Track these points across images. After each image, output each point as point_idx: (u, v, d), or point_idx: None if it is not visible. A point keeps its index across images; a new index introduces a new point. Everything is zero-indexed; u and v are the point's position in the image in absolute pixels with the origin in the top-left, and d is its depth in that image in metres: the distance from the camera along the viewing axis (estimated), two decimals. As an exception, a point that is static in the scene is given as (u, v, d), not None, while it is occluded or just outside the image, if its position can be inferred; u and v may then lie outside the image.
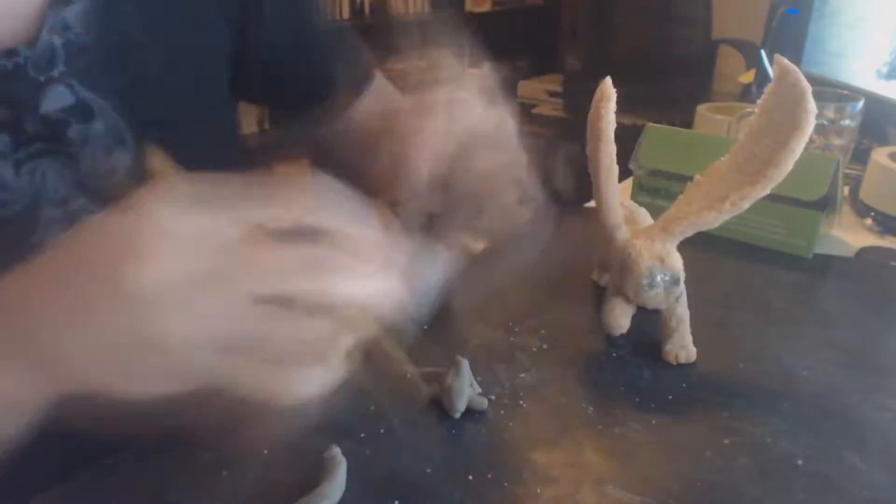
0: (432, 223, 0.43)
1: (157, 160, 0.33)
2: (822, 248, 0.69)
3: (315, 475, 0.38)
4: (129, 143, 0.46)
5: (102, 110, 0.45)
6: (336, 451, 0.39)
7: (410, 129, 0.43)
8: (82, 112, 0.44)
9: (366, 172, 0.43)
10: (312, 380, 0.30)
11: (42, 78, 0.42)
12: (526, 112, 2.74)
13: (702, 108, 1.00)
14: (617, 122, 0.50)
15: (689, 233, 0.48)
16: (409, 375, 0.40)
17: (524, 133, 0.46)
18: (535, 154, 0.47)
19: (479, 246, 0.45)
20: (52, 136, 0.43)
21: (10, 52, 0.41)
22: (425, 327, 0.53)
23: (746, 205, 0.46)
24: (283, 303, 0.28)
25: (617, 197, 0.50)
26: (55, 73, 0.42)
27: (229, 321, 0.27)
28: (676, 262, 0.48)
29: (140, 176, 0.32)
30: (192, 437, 0.41)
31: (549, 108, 2.68)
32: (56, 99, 0.43)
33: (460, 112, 0.44)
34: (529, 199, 0.46)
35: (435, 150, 0.42)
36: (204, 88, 0.53)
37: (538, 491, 0.38)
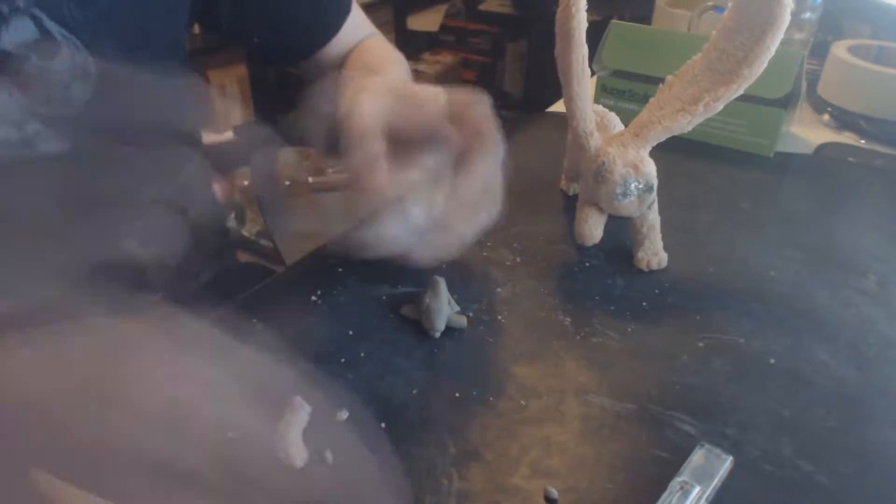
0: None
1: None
2: (781, 146, 0.70)
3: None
4: (91, 76, 0.45)
5: (68, 44, 0.44)
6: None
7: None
8: (46, 47, 0.43)
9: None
10: None
11: (6, 8, 0.40)
12: (472, 9, 2.64)
13: (661, 2, 0.97)
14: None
15: (662, 138, 0.47)
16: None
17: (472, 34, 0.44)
18: (484, 55, 0.45)
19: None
20: (7, 68, 0.42)
21: None
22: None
23: (720, 106, 0.45)
24: None
25: (589, 103, 0.48)
26: (20, 2, 0.40)
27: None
28: (650, 168, 0.47)
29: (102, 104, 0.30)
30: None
31: (497, 4, 2.58)
32: (19, 31, 0.41)
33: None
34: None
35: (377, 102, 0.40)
36: (165, 24, 0.51)
37: (523, 404, 0.38)
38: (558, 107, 0.79)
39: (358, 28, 0.61)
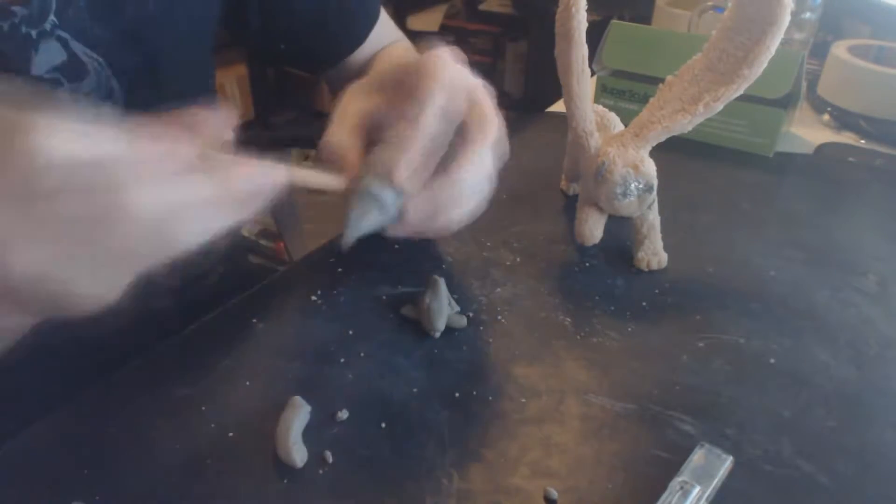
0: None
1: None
2: (781, 146, 0.70)
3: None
4: (116, 96, 0.45)
5: (93, 64, 0.43)
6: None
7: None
8: (74, 69, 0.42)
9: None
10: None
11: (34, 32, 0.40)
12: (472, 9, 2.64)
13: (661, 2, 0.97)
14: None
15: (663, 138, 0.47)
16: None
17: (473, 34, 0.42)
18: (485, 55, 0.43)
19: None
20: (41, 95, 0.42)
21: (5, 12, 0.39)
22: (397, 247, 0.52)
23: (720, 106, 0.45)
24: None
25: (589, 103, 0.48)
26: (47, 25, 0.40)
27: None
28: (650, 168, 0.47)
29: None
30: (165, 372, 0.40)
31: (497, 4, 2.58)
32: (48, 56, 0.41)
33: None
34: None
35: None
36: (191, 37, 0.51)
37: (523, 402, 0.38)
38: (558, 107, 0.79)
39: (385, 35, 0.61)
